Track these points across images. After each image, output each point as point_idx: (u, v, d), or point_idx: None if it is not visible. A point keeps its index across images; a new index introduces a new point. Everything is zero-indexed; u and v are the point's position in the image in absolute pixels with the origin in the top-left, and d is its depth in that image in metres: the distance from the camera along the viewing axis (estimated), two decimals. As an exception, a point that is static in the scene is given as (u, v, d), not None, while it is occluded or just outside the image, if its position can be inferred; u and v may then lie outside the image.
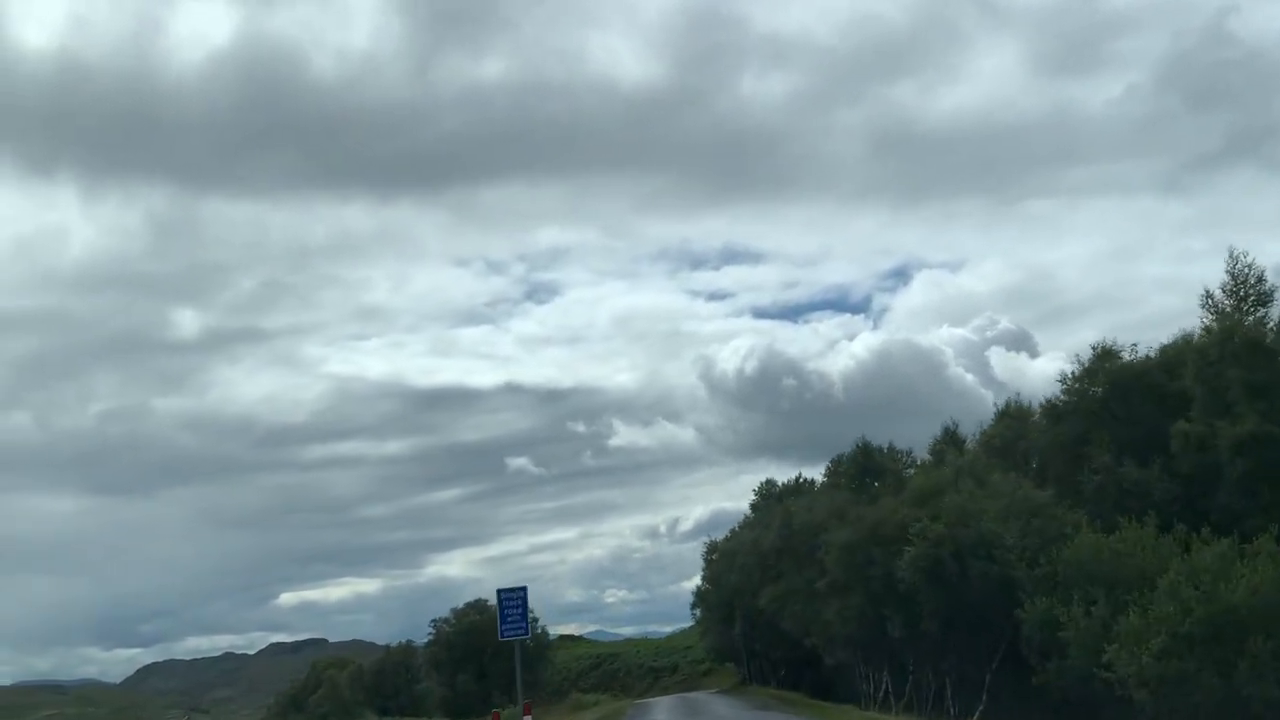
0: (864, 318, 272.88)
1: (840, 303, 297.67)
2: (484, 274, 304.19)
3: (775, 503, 53.46)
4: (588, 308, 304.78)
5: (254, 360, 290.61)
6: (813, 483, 53.74)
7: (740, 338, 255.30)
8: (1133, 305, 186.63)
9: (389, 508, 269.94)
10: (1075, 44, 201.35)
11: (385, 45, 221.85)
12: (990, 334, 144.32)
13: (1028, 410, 37.06)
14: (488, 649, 73.17)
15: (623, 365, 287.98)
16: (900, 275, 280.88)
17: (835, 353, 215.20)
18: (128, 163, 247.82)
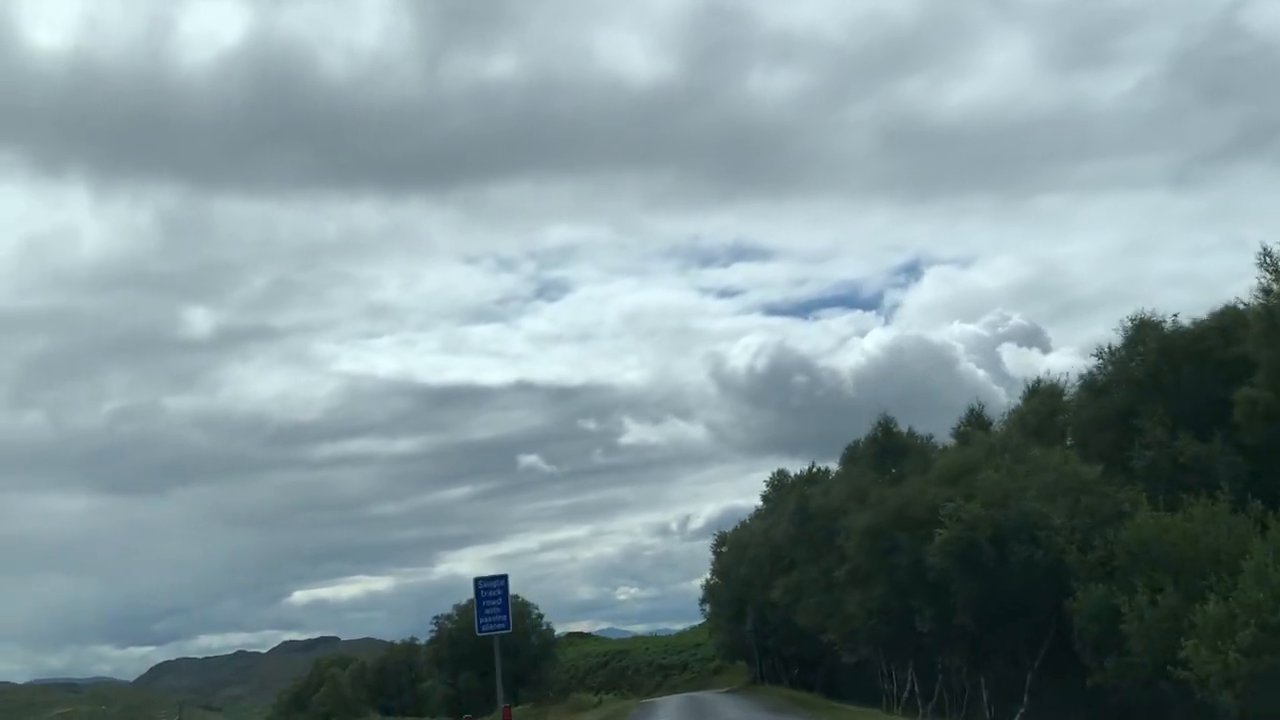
0: (875, 314, 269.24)
1: (851, 299, 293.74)
2: (494, 271, 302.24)
3: (788, 493, 49.95)
4: (598, 305, 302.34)
5: (265, 358, 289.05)
6: (827, 472, 50.26)
7: (750, 334, 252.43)
8: (1145, 300, 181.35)
9: (400, 505, 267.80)
10: (1086, 38, 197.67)
11: (395, 44, 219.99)
12: (1002, 330, 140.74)
13: (1058, 388, 33.79)
14: (491, 647, 70.48)
15: (633, 362, 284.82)
16: (911, 271, 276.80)
17: (846, 349, 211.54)
18: (139, 162, 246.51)
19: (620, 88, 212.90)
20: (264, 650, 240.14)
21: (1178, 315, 28.36)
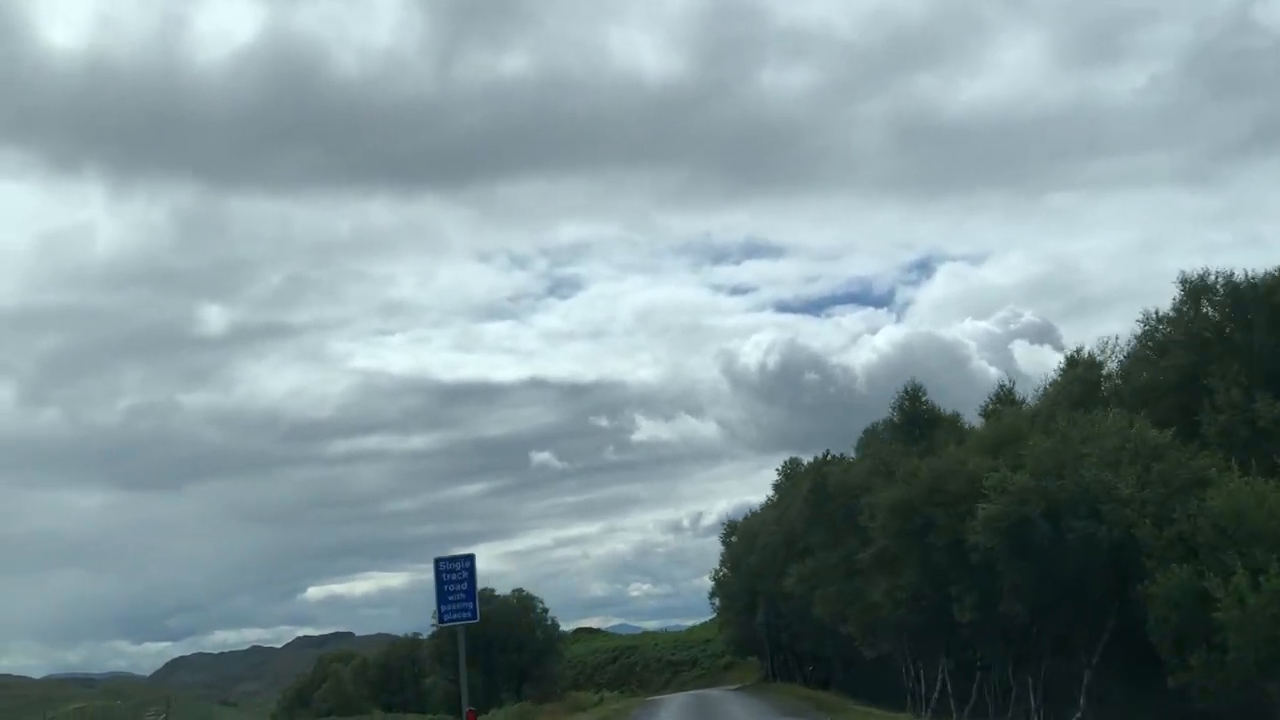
0: (887, 311, 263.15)
1: (863, 296, 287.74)
2: (507, 269, 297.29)
3: (801, 480, 45.97)
4: (610, 302, 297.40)
5: (280, 355, 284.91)
6: (843, 457, 46.33)
7: (762, 332, 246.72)
8: (1157, 298, 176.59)
9: (414, 502, 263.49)
10: (1098, 34, 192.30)
11: (408, 41, 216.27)
12: (1014, 327, 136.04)
13: (1096, 361, 29.90)
14: (495, 642, 66.78)
15: (645, 360, 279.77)
16: (923, 268, 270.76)
17: (858, 346, 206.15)
18: (154, 160, 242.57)
19: (632, 85, 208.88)
20: (278, 646, 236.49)
21: (1232, 273, 24.84)
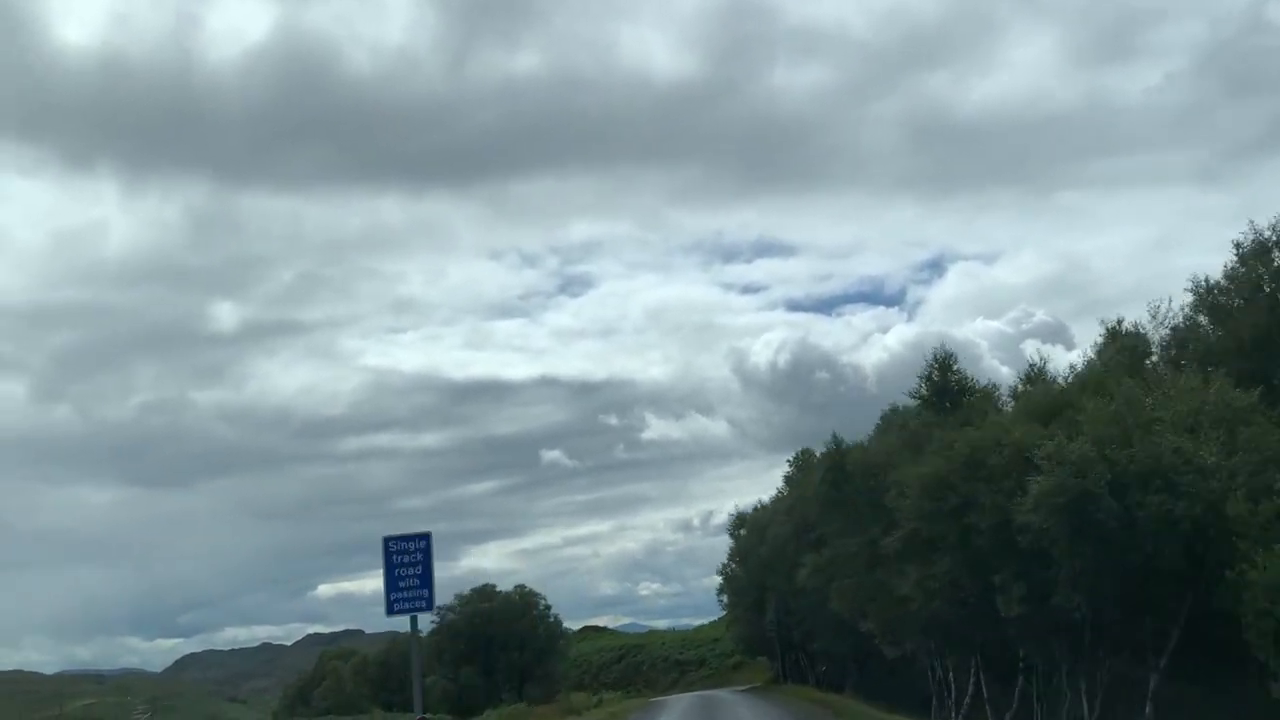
0: (898, 310, 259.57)
1: (874, 295, 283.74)
2: (518, 267, 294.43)
3: (814, 471, 42.53)
4: (620, 300, 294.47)
5: (291, 353, 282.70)
6: (861, 445, 42.92)
7: (773, 330, 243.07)
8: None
9: (425, 499, 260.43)
10: (1112, 32, 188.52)
11: (419, 39, 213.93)
12: (1025, 326, 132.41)
13: (1142, 336, 26.45)
14: (496, 640, 63.61)
15: (655, 358, 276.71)
16: (934, 267, 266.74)
17: (869, 345, 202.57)
18: (167, 157, 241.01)
19: (644, 84, 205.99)
20: (289, 643, 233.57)
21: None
